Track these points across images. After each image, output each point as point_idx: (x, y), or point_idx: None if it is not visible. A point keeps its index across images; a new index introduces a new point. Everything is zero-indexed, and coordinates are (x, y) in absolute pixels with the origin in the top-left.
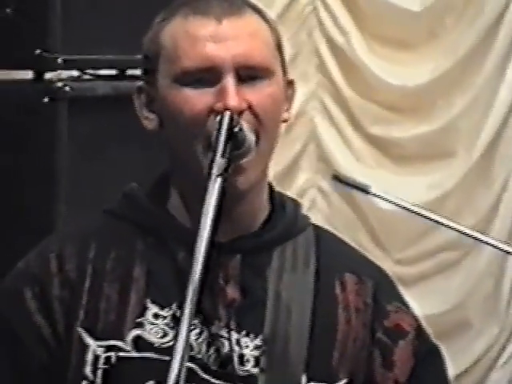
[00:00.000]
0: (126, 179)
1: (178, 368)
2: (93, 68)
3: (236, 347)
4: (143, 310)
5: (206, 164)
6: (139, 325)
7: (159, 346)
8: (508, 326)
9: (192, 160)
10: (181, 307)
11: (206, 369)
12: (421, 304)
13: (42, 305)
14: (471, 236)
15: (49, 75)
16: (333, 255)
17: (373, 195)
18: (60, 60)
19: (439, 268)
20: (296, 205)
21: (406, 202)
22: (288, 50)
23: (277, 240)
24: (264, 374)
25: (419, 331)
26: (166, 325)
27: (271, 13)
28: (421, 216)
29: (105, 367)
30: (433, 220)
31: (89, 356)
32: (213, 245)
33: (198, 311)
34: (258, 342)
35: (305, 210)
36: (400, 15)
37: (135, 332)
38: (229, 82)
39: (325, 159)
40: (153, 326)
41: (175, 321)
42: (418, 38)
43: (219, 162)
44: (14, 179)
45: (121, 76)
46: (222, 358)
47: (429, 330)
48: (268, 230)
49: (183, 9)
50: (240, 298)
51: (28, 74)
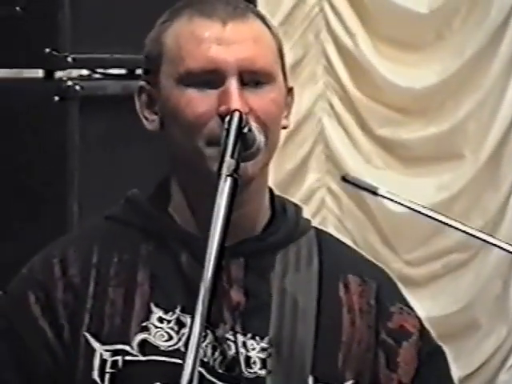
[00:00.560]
0: (137, 178)
1: (190, 373)
2: (103, 67)
3: (242, 350)
4: (148, 314)
5: (209, 156)
6: (145, 329)
7: (165, 350)
8: None
9: (194, 155)
10: (184, 311)
11: (212, 372)
12: (429, 305)
13: (47, 309)
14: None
15: (59, 74)
16: (335, 257)
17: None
18: (70, 59)
19: (448, 269)
20: (297, 208)
21: (415, 204)
22: (295, 52)
23: (280, 243)
24: (271, 376)
25: (422, 332)
26: (171, 328)
27: (278, 14)
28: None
29: (112, 371)
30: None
31: (96, 360)
32: (224, 246)
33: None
34: (264, 344)
35: (314, 211)
36: (407, 17)
37: (141, 336)
38: (232, 85)
39: (333, 160)
40: (158, 330)
41: (179, 324)
42: (426, 40)
43: (229, 162)
44: (26, 179)
45: (130, 75)
46: (228, 361)
47: (434, 331)
48: (271, 234)
49: (187, 10)
50: (244, 301)
51: (38, 73)
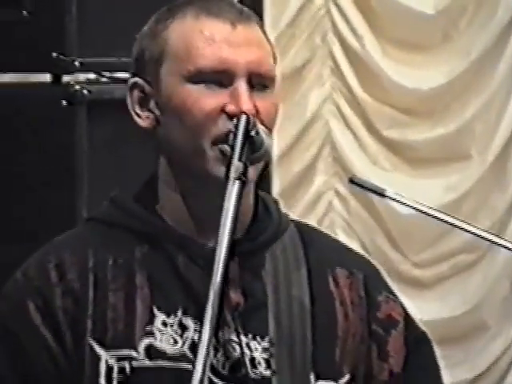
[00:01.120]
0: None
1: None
2: (110, 71)
3: (247, 351)
4: (151, 318)
5: (211, 157)
6: (149, 333)
7: (172, 354)
8: None
9: (196, 154)
10: (186, 313)
11: (217, 374)
12: (437, 307)
13: (47, 317)
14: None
15: (66, 78)
16: (320, 250)
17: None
18: (77, 63)
19: (456, 270)
20: (277, 204)
21: (423, 205)
22: (302, 54)
23: (268, 241)
24: (277, 376)
25: (408, 319)
26: (175, 332)
27: (285, 16)
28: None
29: (120, 377)
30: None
31: (102, 366)
32: (233, 247)
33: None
34: (266, 344)
35: (322, 214)
36: (414, 18)
37: (146, 340)
38: (242, 87)
39: (340, 162)
40: (163, 334)
41: (182, 328)
42: (432, 41)
43: (237, 165)
44: (35, 183)
45: None
46: (233, 363)
47: (442, 333)
48: (260, 233)
49: (191, 9)
50: (243, 302)
51: (46, 77)
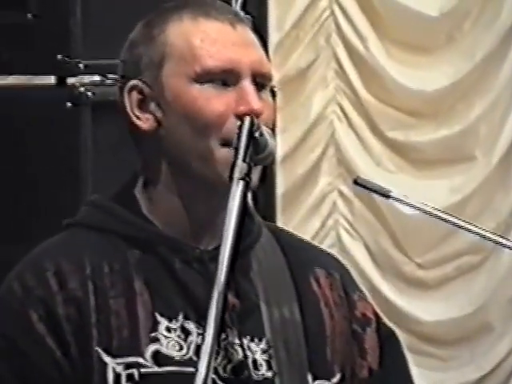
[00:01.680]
0: None
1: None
2: (114, 73)
3: (249, 353)
4: (155, 324)
5: (219, 158)
6: (155, 339)
7: (179, 360)
8: None
9: (205, 154)
10: (187, 318)
11: (220, 377)
12: (442, 308)
13: (51, 327)
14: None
15: (71, 80)
16: (297, 251)
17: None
18: (82, 65)
19: (460, 272)
20: (255, 204)
21: (427, 206)
22: (306, 56)
23: (253, 243)
24: (278, 377)
25: (377, 317)
26: (178, 337)
27: (289, 18)
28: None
29: None
30: (453, 224)
31: (109, 374)
32: (237, 250)
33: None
34: (264, 346)
35: (326, 215)
36: (418, 20)
37: (153, 347)
38: (249, 86)
39: (345, 163)
40: (168, 340)
41: (185, 332)
42: (437, 43)
43: (241, 166)
44: (39, 185)
45: None
46: (235, 365)
47: (447, 334)
48: (247, 234)
49: (186, 12)
50: (238, 304)
51: (50, 80)
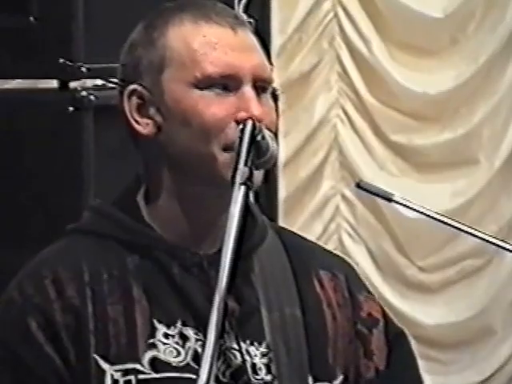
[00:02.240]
0: None
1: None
2: (116, 77)
3: (247, 357)
4: (153, 331)
5: (222, 162)
6: (152, 346)
7: (177, 365)
8: None
9: (206, 160)
10: (186, 324)
11: (219, 382)
12: (444, 311)
13: (49, 334)
14: (494, 243)
15: (73, 84)
16: (301, 253)
17: (396, 203)
18: (84, 69)
19: (463, 275)
20: (257, 206)
21: (430, 210)
22: (309, 58)
23: (256, 245)
24: (278, 380)
25: (386, 317)
26: (176, 343)
27: (292, 21)
28: (444, 224)
29: None
30: (456, 227)
31: (107, 381)
32: (239, 254)
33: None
34: (263, 350)
35: (329, 219)
36: (422, 22)
37: (150, 353)
38: (250, 92)
39: (348, 167)
40: (166, 346)
41: (183, 338)
42: (440, 45)
43: (242, 171)
44: (41, 189)
45: None
46: (234, 370)
47: (449, 337)
48: (249, 237)
49: (186, 15)
50: (238, 308)
51: (53, 84)
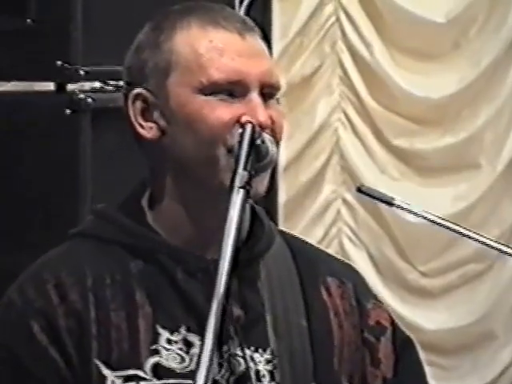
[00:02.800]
0: None
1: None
2: (115, 79)
3: (251, 364)
4: (156, 337)
5: (224, 166)
6: (155, 352)
7: (181, 372)
8: None
9: (208, 164)
10: (190, 330)
11: None
12: (445, 316)
13: (53, 338)
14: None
15: (71, 87)
16: (308, 260)
17: (397, 207)
18: (82, 71)
19: (464, 280)
20: (265, 212)
21: (431, 214)
22: (311, 62)
23: (263, 251)
24: None
25: (394, 325)
26: (180, 349)
27: (294, 24)
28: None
29: None
30: (457, 232)
31: None
32: (237, 256)
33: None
34: (268, 357)
35: (330, 223)
36: (424, 26)
37: (153, 359)
38: (257, 98)
39: (349, 171)
40: (169, 352)
41: (187, 345)
42: (442, 49)
43: (241, 175)
44: (38, 191)
45: None
46: (238, 377)
47: (450, 343)
48: (256, 242)
49: (194, 19)
50: (243, 315)
51: (50, 86)
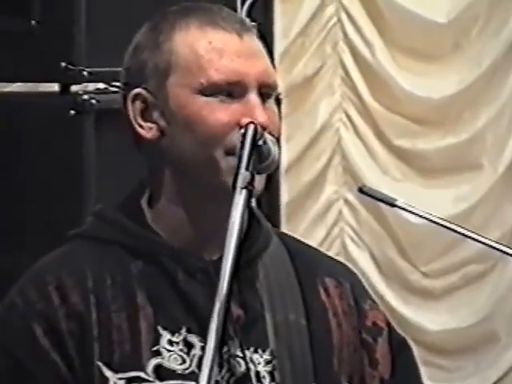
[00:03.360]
0: None
1: None
2: (118, 80)
3: (251, 365)
4: (157, 338)
5: (224, 167)
6: (157, 353)
7: (182, 373)
8: None
9: (208, 165)
10: (190, 331)
11: None
12: (447, 317)
13: (55, 341)
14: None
15: (75, 88)
16: (306, 260)
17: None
18: (86, 73)
19: (466, 281)
20: (261, 212)
21: (433, 215)
22: (312, 63)
23: (261, 251)
24: None
25: (389, 326)
26: (181, 350)
27: (295, 25)
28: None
29: None
30: (459, 233)
31: None
32: (239, 257)
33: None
34: (267, 357)
35: (331, 223)
36: (425, 27)
37: (155, 361)
38: (255, 99)
39: (351, 172)
40: (171, 353)
41: (188, 346)
42: (444, 50)
43: (244, 175)
44: (42, 192)
45: None
46: (238, 378)
47: (452, 344)
48: (254, 242)
49: (192, 19)
50: (243, 315)
51: (54, 87)
